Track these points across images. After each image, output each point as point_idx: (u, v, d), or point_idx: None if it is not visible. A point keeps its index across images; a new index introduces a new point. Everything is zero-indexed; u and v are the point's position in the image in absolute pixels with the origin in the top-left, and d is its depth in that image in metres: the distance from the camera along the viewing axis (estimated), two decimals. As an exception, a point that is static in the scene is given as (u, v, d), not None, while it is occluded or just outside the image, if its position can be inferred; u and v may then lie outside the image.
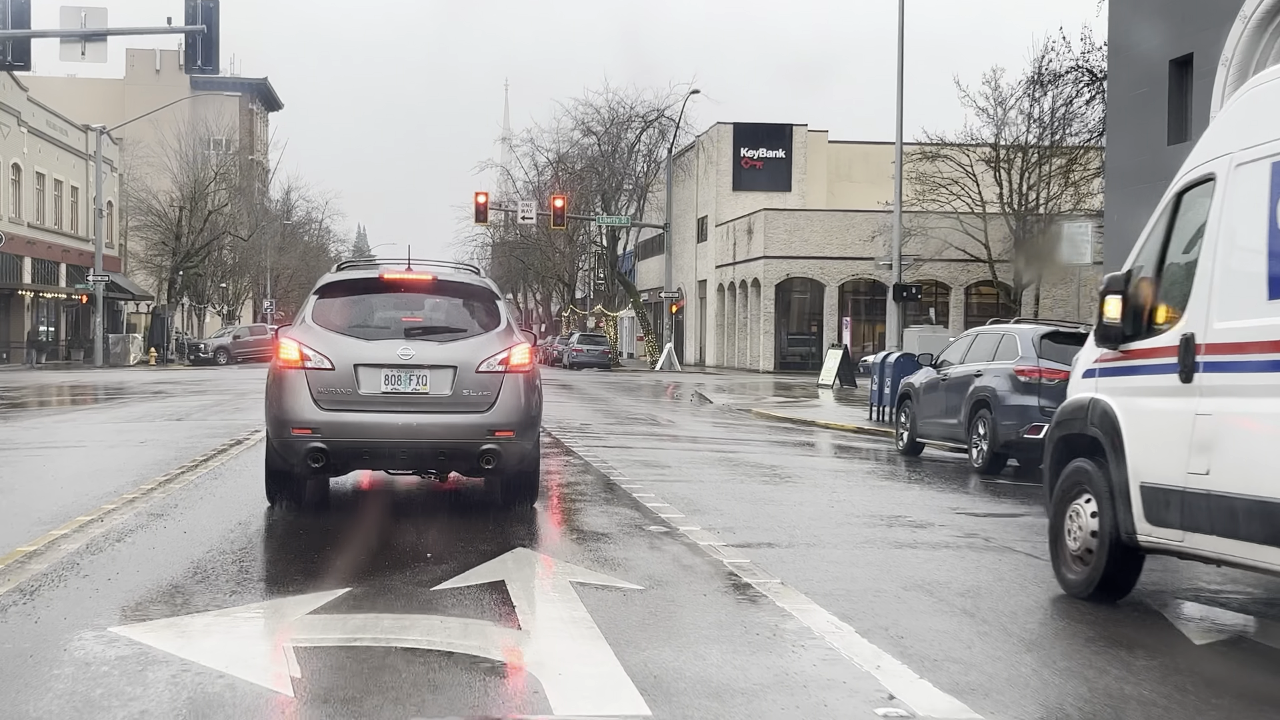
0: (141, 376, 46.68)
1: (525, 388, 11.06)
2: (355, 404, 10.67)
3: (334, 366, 10.69)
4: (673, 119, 62.42)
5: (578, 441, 19.37)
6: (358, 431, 10.66)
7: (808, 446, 21.38)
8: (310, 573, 8.59)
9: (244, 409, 26.57)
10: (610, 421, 25.17)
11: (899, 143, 35.85)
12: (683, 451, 19.18)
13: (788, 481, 15.21)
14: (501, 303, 11.80)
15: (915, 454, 19.69)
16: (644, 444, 20.35)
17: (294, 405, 10.69)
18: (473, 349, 10.98)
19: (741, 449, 19.95)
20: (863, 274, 62.09)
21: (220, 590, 7.98)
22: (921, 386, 19.54)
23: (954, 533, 11.28)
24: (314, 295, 11.63)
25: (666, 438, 21.53)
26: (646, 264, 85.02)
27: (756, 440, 21.91)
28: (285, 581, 8.47)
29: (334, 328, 11.09)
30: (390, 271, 11.73)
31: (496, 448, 10.74)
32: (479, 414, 10.77)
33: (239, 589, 8.08)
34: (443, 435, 10.78)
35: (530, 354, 11.31)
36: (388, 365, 10.75)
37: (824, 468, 17.45)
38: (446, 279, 11.89)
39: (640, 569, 8.87)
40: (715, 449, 19.79)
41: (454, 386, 10.78)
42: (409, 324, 11.25)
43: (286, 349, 10.87)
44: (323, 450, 10.60)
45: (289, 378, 10.76)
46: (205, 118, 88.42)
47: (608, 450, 18.18)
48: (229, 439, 18.41)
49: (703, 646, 6.70)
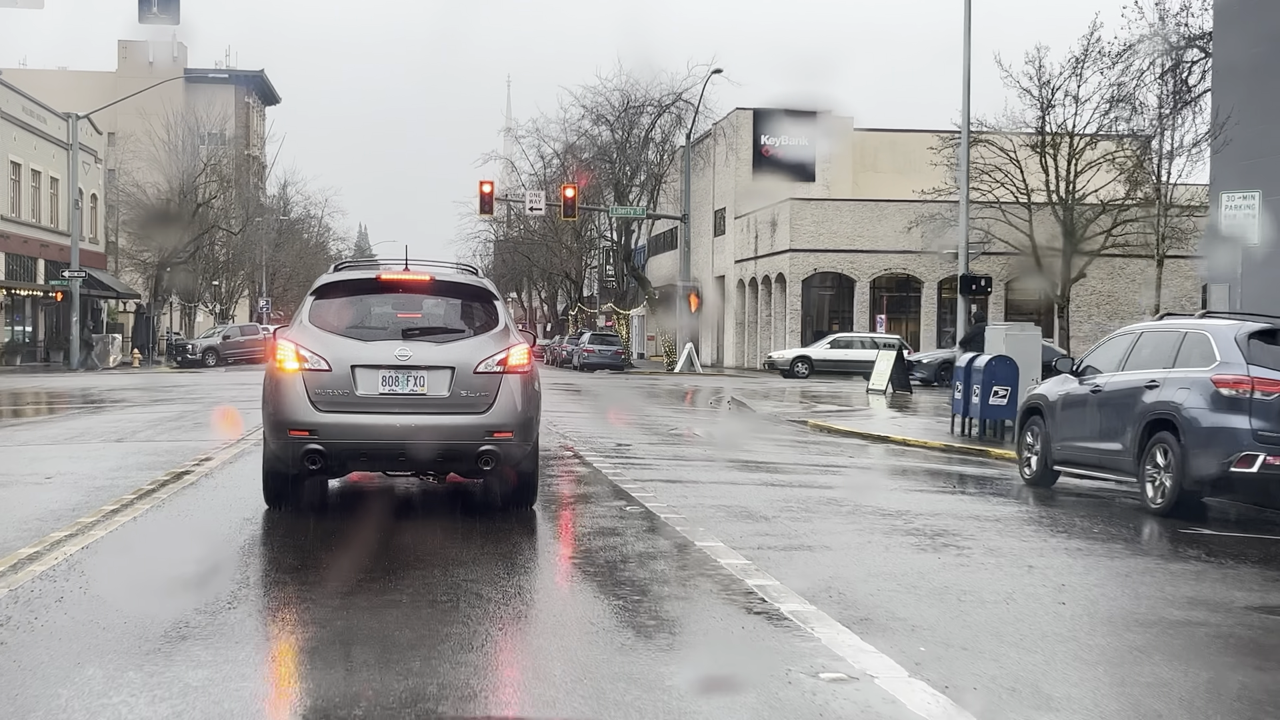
0: (114, 381, 42.35)
1: (523, 388, 10.98)
2: (353, 405, 10.66)
3: (331, 368, 10.68)
4: (690, 102, 58.07)
5: (623, 472, 15.21)
6: (355, 433, 10.64)
7: (911, 477, 17.12)
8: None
9: (205, 425, 22.43)
10: (651, 439, 21.02)
11: (966, 116, 31.68)
12: (770, 489, 14.50)
13: (951, 547, 10.56)
14: (499, 303, 11.64)
15: (1047, 484, 15.57)
16: (709, 475, 16.11)
17: (291, 407, 10.66)
18: (470, 350, 10.95)
19: (837, 481, 15.80)
20: (895, 268, 58.02)
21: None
22: (1059, 400, 15.38)
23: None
24: (311, 296, 11.51)
25: (734, 465, 17.31)
26: (658, 260, 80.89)
27: (844, 467, 17.74)
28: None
29: (331, 329, 11.04)
30: (388, 272, 11.70)
31: (495, 449, 10.73)
32: (477, 415, 10.74)
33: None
34: (440, 436, 10.69)
35: (528, 355, 11.18)
36: (385, 366, 10.72)
37: (964, 512, 13.08)
38: (444, 279, 11.80)
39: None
40: (806, 483, 15.52)
41: (451, 387, 10.76)
42: (406, 325, 11.20)
43: (283, 351, 10.82)
44: (320, 452, 10.58)
45: (286, 379, 10.74)
46: (196, 108, 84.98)
47: (667, 487, 14.03)
48: (167, 471, 14.28)
49: None
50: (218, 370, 55.48)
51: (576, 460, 16.74)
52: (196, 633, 7.02)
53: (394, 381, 10.71)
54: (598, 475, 14.86)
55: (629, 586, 8.61)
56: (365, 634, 7.13)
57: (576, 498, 13.54)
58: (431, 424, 10.66)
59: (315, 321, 11.15)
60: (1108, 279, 57.50)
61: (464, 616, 7.57)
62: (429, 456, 10.87)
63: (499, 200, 57.74)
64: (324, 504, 11.97)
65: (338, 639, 7.09)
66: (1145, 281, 59.35)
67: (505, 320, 11.45)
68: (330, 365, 10.68)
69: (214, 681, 6.14)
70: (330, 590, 8.34)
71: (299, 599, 8.24)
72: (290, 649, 7.07)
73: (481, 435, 10.68)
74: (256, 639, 7.30)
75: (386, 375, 10.70)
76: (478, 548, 10.04)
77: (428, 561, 9.29)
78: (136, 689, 6.00)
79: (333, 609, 7.80)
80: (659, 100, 59.64)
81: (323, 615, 7.65)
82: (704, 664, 6.74)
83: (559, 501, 13.27)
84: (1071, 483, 15.66)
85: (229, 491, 13.00)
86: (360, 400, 10.66)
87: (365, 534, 10.61)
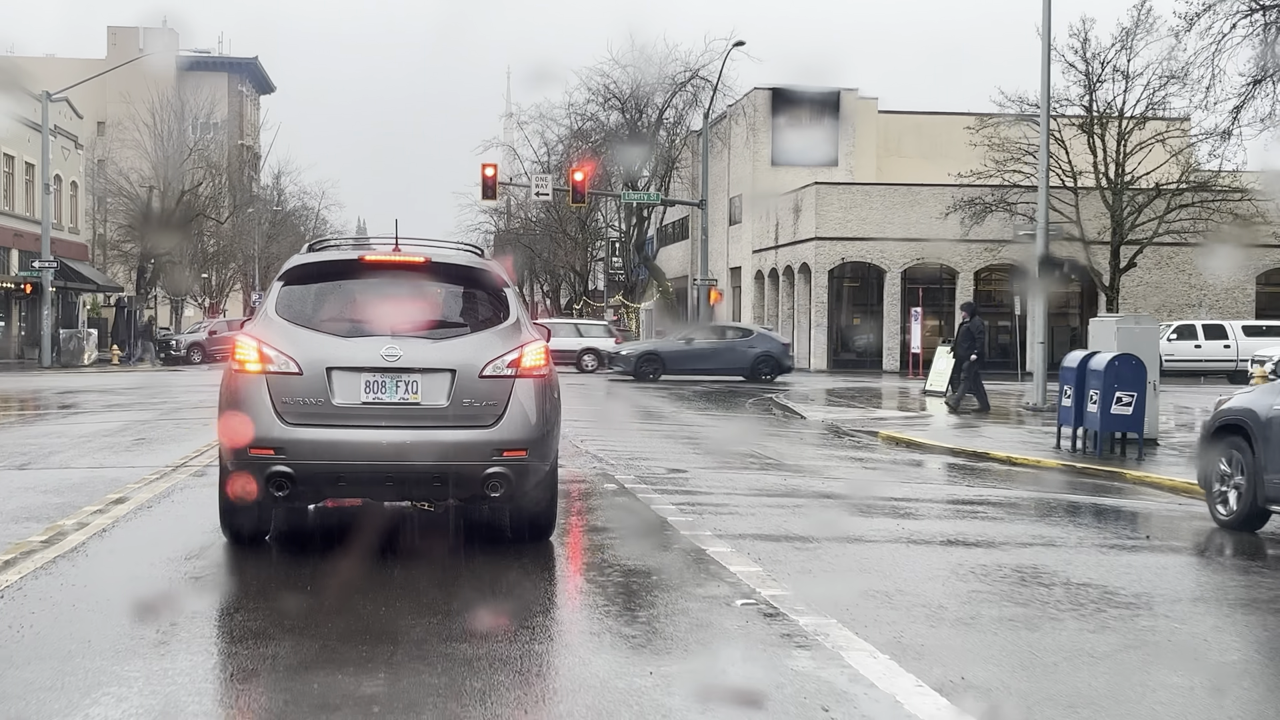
0: (80, 381, 38.28)
1: (540, 396, 9.12)
2: (329, 418, 8.83)
3: (302, 370, 8.86)
4: (708, 80, 54.05)
5: (695, 520, 11.20)
6: (331, 452, 8.80)
7: (1074, 521, 13.15)
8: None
9: (149, 441, 18.42)
10: (708, 462, 17.00)
11: (1045, 82, 27.80)
12: (923, 553, 10.20)
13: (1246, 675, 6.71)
14: (510, 291, 9.72)
15: (1253, 528, 11.74)
16: (820, 524, 11.67)
17: (253, 419, 8.77)
18: (476, 348, 9.10)
19: (997, 534, 11.73)
20: (928, 258, 54.16)
21: None
22: (1272, 419, 11.53)
23: None
24: (278, 282, 9.59)
25: (842, 504, 12.91)
26: (668, 251, 77.05)
27: (979, 505, 13.71)
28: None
29: (303, 322, 9.17)
30: (373, 252, 9.99)
31: (505, 471, 8.89)
32: (483, 429, 8.91)
33: None
34: (438, 456, 8.86)
35: (545, 354, 9.30)
36: (369, 369, 8.89)
37: (1190, 589, 9.24)
38: (443, 261, 9.80)
39: None
40: (957, 538, 11.23)
41: (452, 395, 8.93)
42: (396, 317, 9.19)
43: (244, 349, 8.99)
44: (288, 476, 8.73)
45: (247, 385, 8.89)
46: (184, 93, 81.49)
47: (773, 550, 9.94)
48: (47, 527, 10.20)
49: None
50: (200, 368, 51.54)
51: (622, 495, 12.79)
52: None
53: (380, 388, 8.89)
54: (663, 528, 10.82)
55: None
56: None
57: (642, 577, 9.04)
58: (427, 440, 8.82)
59: (284, 313, 9.25)
60: (1155, 268, 53.72)
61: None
62: (423, 481, 9.08)
63: (503, 185, 53.82)
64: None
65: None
66: (1195, 271, 55.55)
67: (517, 312, 9.52)
68: (301, 367, 8.86)
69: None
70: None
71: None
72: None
73: (489, 454, 8.89)
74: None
75: (371, 380, 8.88)
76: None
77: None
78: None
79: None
80: (674, 78, 55.58)
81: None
82: None
83: (624, 592, 8.55)
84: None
85: (121, 566, 9.11)
86: (338, 411, 8.83)
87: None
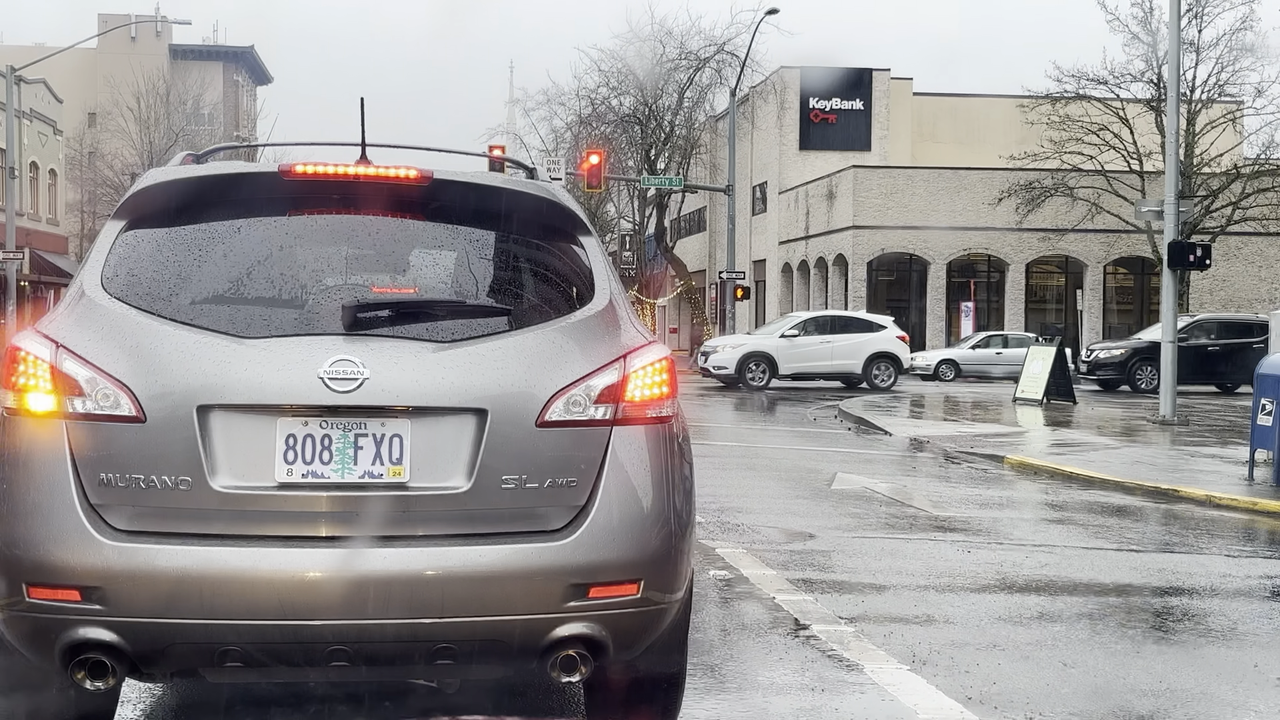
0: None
1: (662, 459, 4.01)
2: (203, 519, 3.73)
3: (144, 413, 3.79)
4: (735, 54, 49.58)
5: (914, 681, 6.75)
6: (209, 597, 3.66)
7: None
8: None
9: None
10: (836, 516, 12.37)
11: (1175, 43, 23.30)
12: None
13: None
14: (594, 245, 4.50)
15: None
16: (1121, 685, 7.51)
17: (35, 524, 3.71)
18: (529, 362, 3.94)
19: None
20: (977, 248, 49.76)
21: None
22: None
23: None
24: (115, 222, 4.31)
25: (1095, 604, 8.66)
26: (684, 244, 72.46)
27: (1244, 589, 9.31)
28: None
29: (156, 307, 3.98)
30: (314, 164, 4.21)
31: (595, 632, 3.82)
32: (548, 539, 3.83)
33: None
34: (448, 605, 3.73)
35: (670, 373, 4.13)
36: (297, 408, 3.81)
37: None
38: (462, 182, 4.32)
39: None
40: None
41: (479, 464, 3.81)
42: (359, 296, 4.02)
43: (24, 368, 3.88)
44: (110, 647, 3.68)
45: (28, 446, 3.81)
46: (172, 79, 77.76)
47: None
48: None
49: None
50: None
51: (755, 603, 8.10)
52: None
53: (320, 450, 3.80)
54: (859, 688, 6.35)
55: None
56: None
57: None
58: (423, 571, 3.76)
59: (119, 288, 4.10)
60: (1223, 260, 49.23)
61: None
62: (414, 654, 3.90)
63: (511, 167, 49.45)
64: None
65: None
66: (1265, 263, 51.16)
67: (609, 289, 4.40)
68: (143, 407, 3.82)
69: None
70: None
71: None
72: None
73: (561, 596, 3.83)
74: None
75: (300, 433, 3.82)
76: None
77: None
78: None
79: None
80: (697, 53, 51.02)
81: None
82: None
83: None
84: None
85: None
86: (224, 505, 3.76)
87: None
